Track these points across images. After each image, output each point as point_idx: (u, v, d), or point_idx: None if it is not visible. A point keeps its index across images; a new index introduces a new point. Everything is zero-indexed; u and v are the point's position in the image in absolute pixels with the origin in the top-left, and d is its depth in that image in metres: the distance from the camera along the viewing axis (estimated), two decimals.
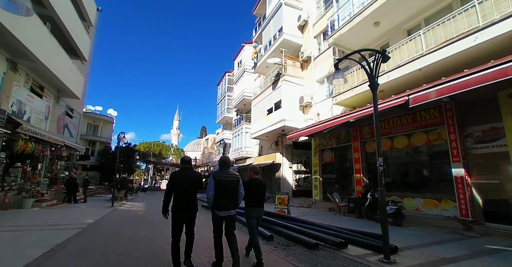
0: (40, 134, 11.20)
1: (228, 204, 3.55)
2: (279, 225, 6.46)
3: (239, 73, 23.66)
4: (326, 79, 12.89)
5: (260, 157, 18.61)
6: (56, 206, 11.17)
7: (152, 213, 9.98)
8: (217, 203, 3.52)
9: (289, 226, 6.17)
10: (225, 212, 3.53)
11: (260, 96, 17.08)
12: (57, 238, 5.15)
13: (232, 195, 3.61)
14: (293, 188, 15.61)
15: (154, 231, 6.14)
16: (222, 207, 3.52)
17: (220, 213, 3.52)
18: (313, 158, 12.82)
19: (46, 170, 13.59)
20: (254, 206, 4.00)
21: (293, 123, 13.54)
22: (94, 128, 29.28)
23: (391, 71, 7.46)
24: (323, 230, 5.69)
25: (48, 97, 13.53)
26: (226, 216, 3.55)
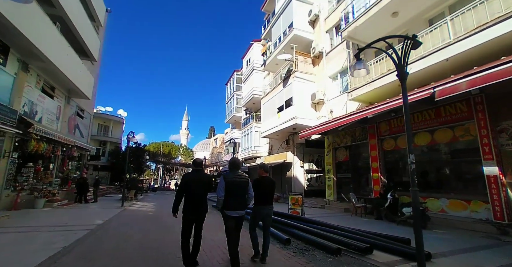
0: (51, 134, 11.19)
1: (238, 205, 3.62)
2: (295, 227, 6.10)
3: (247, 71, 23.35)
4: (339, 75, 12.41)
5: (270, 156, 18.25)
6: (67, 206, 11.13)
7: (162, 213, 9.78)
8: (227, 204, 3.59)
9: (306, 228, 5.80)
10: (235, 212, 3.60)
11: (270, 94, 16.71)
12: (64, 240, 4.96)
13: (241, 196, 3.69)
14: (305, 187, 15.18)
15: (164, 233, 5.89)
16: (232, 208, 3.59)
17: (230, 213, 3.59)
18: (326, 156, 12.37)
19: (57, 170, 13.65)
20: (264, 204, 4.04)
21: (305, 121, 13.12)
22: (105, 129, 29.56)
23: (414, 63, 6.96)
24: (343, 233, 5.30)
25: (59, 97, 13.58)
26: (237, 216, 3.63)
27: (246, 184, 3.74)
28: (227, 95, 31.41)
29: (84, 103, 17.15)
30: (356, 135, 10.65)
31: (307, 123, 13.06)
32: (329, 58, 13.03)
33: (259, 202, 4.04)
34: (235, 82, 28.16)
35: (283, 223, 6.69)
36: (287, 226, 6.34)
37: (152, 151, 40.34)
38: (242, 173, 3.85)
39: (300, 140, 15.07)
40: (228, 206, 3.59)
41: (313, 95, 13.33)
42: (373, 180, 9.45)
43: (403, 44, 4.04)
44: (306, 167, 15.54)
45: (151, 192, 29.00)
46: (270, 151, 18.98)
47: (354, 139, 10.74)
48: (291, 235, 5.60)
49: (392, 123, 8.96)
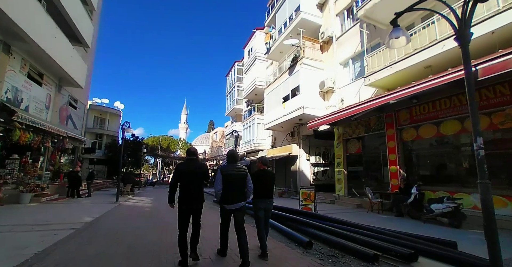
0: (39, 124, 10.28)
1: (236, 198, 3.55)
2: (314, 226, 5.29)
3: (249, 61, 22.33)
4: (351, 61, 11.49)
5: (274, 149, 17.42)
6: (57, 201, 10.30)
7: (159, 209, 8.97)
8: (226, 197, 3.52)
9: (327, 228, 4.98)
10: (234, 205, 3.53)
11: (274, 84, 15.78)
12: (40, 243, 4.14)
13: (240, 189, 3.61)
14: (311, 182, 14.40)
15: (162, 234, 5.07)
16: (230, 201, 3.52)
17: (228, 207, 3.53)
18: (336, 149, 11.55)
19: (48, 162, 12.78)
20: (263, 197, 3.95)
21: (313, 111, 12.25)
22: (101, 121, 28.57)
23: (448, 38, 6.06)
24: (374, 234, 4.48)
25: (48, 85, 12.61)
26: (235, 209, 3.55)
27: (245, 177, 3.64)
28: (227, 87, 30.40)
29: (77, 93, 16.17)
30: (370, 125, 9.80)
31: (315, 113, 12.20)
32: (340, 43, 12.08)
33: (259, 196, 3.95)
34: (236, 74, 27.13)
35: (297, 221, 5.87)
36: (303, 225, 5.53)
37: (151, 144, 39.41)
38: (240, 165, 3.75)
39: (306, 132, 14.25)
40: (225, 200, 3.53)
41: (321, 84, 12.42)
42: (391, 173, 8.65)
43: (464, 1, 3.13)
44: (313, 160, 14.74)
45: (150, 186, 28.23)
46: (274, 143, 18.14)
47: (368, 129, 9.90)
48: (311, 236, 4.79)
49: (413, 111, 8.11)
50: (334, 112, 10.17)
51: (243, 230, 3.51)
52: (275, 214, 7.03)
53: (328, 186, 14.42)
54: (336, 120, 9.82)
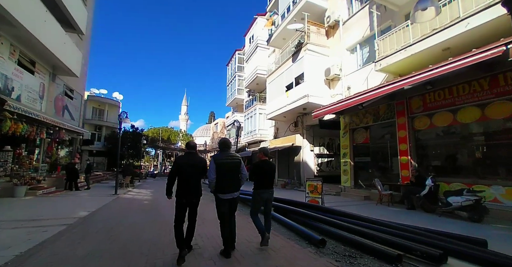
0: (32, 114, 9.82)
1: (231, 187, 3.52)
2: (324, 221, 4.90)
3: (250, 49, 21.58)
4: (359, 46, 10.86)
5: (276, 139, 16.98)
6: (54, 194, 9.97)
7: (159, 202, 8.62)
8: (220, 186, 3.47)
9: (340, 224, 4.59)
10: (229, 194, 3.50)
11: (277, 72, 15.17)
12: (26, 242, 3.76)
13: (234, 177, 3.58)
14: (315, 173, 14.03)
15: (161, 230, 4.69)
16: (225, 190, 3.48)
17: (223, 196, 3.48)
18: (342, 139, 11.10)
19: (44, 154, 12.40)
20: (264, 187, 3.90)
21: (317, 99, 11.73)
22: (100, 112, 28.07)
23: (473, 16, 5.48)
24: (392, 230, 4.08)
25: (41, 73, 12.06)
26: (230, 198, 3.52)
27: (239, 164, 3.61)
28: (228, 77, 29.71)
29: (73, 82, 15.62)
30: (379, 114, 9.31)
31: (320, 102, 11.68)
32: (347, 27, 11.40)
33: (260, 186, 3.88)
34: (237, 63, 26.41)
35: (305, 215, 5.48)
36: (311, 219, 5.14)
37: (151, 136, 39.04)
38: (233, 153, 3.72)
39: (310, 122, 13.76)
40: (220, 189, 3.48)
41: (327, 71, 11.84)
42: (401, 164, 8.21)
43: None
44: (317, 150, 14.32)
45: (151, 178, 28.04)
46: (276, 134, 17.68)
47: (377, 118, 9.41)
48: (322, 232, 4.40)
49: (427, 98, 7.59)
50: (341, 100, 9.67)
51: (233, 218, 3.64)
52: (280, 207, 6.67)
53: (333, 177, 14.05)
54: (343, 109, 9.33)
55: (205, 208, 5.00)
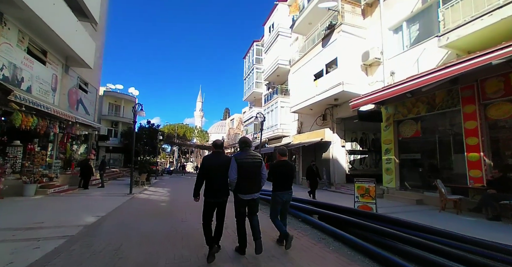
0: (42, 106, 9.06)
1: (252, 187, 3.44)
2: (397, 238, 3.60)
3: (271, 39, 20.21)
4: (406, 24, 9.28)
5: (301, 134, 15.63)
6: (66, 193, 9.20)
7: (178, 205, 7.56)
8: (241, 186, 3.40)
9: (420, 242, 3.29)
10: (249, 195, 3.43)
11: (303, 60, 13.78)
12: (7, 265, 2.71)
13: (255, 178, 3.48)
14: (347, 171, 12.63)
15: (182, 250, 3.56)
16: (246, 190, 3.42)
17: (244, 196, 3.42)
18: (384, 133, 9.63)
19: (58, 150, 11.75)
20: (283, 189, 3.84)
21: (354, 87, 10.30)
22: (116, 108, 27.73)
23: None
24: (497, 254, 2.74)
25: (53, 64, 11.34)
26: (250, 199, 3.45)
27: (260, 164, 3.52)
28: (245, 70, 28.52)
29: (87, 75, 14.96)
30: (435, 102, 7.77)
31: (356, 90, 10.26)
32: (389, 4, 9.82)
33: (278, 188, 3.85)
34: (255, 54, 25.14)
35: (364, 227, 4.19)
36: (374, 234, 3.86)
37: (167, 132, 38.66)
38: (254, 152, 3.60)
39: (341, 114, 12.35)
40: (241, 189, 3.40)
41: (365, 55, 10.34)
42: (469, 162, 6.70)
43: None
44: (348, 146, 12.87)
45: (167, 175, 27.49)
46: (300, 129, 16.33)
47: (432, 107, 7.88)
48: (398, 252, 3.12)
49: (511, 79, 6.02)
50: (385, 87, 8.25)
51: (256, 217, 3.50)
52: (324, 214, 5.45)
53: (366, 176, 12.60)
54: (388, 97, 7.86)
55: None
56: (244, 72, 28.74)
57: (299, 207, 6.22)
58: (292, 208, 6.39)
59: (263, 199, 6.88)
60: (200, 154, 54.46)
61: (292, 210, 6.17)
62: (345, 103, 11.79)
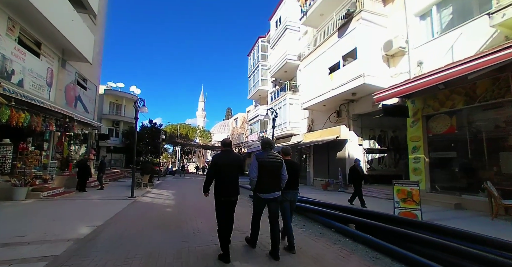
0: (35, 100, 8.25)
1: (272, 187, 3.45)
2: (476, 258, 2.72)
3: (278, 33, 19.32)
4: (436, 8, 8.36)
5: (312, 133, 14.73)
6: (61, 196, 8.36)
7: (186, 210, 6.70)
8: (261, 186, 3.42)
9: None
10: (269, 194, 3.45)
11: (315, 53, 12.90)
12: None
13: (276, 178, 3.50)
14: (365, 171, 11.70)
15: None
16: (266, 190, 3.43)
17: (263, 195, 3.44)
18: (411, 129, 8.73)
19: (54, 150, 10.92)
20: (287, 188, 3.73)
21: (375, 80, 9.43)
22: (117, 107, 26.94)
23: None
24: None
25: (48, 57, 10.52)
26: (270, 198, 3.47)
27: (280, 165, 3.51)
28: (249, 67, 27.68)
29: (86, 71, 14.16)
30: (476, 93, 6.85)
31: (377, 83, 9.39)
32: None
33: (285, 187, 3.66)
34: (260, 51, 24.30)
35: (423, 241, 3.31)
36: (427, 246, 2.98)
37: (169, 132, 37.84)
38: (275, 153, 3.61)
39: (358, 110, 11.48)
40: (261, 188, 3.42)
41: (387, 44, 9.44)
42: None
43: None
44: (366, 145, 11.96)
45: (169, 175, 26.66)
46: (311, 126, 15.43)
47: (472, 99, 6.96)
48: None
49: None
50: (413, 79, 7.39)
51: (277, 222, 3.50)
52: (357, 221, 4.59)
53: (385, 177, 11.73)
54: (420, 88, 7.01)
55: None
56: (248, 70, 27.90)
57: (327, 214, 5.33)
58: (320, 215, 5.52)
59: (300, 207, 6.14)
60: (203, 154, 53.61)
61: (322, 218, 5.29)
62: (363, 98, 10.93)
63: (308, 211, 6.12)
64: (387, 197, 9.09)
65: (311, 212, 6.02)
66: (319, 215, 5.60)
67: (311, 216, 5.90)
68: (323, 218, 5.23)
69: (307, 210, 6.21)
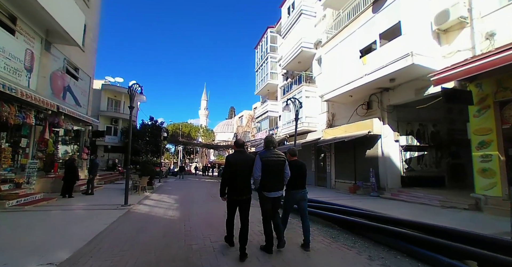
0: (3, 86, 6.54)
1: (276, 185, 3.54)
2: None
3: (290, 20, 17.51)
4: None
5: (333, 128, 12.92)
6: (34, 205, 6.60)
7: (199, 229, 4.91)
8: (265, 184, 3.49)
9: None
10: (274, 193, 3.52)
11: (340, 36, 11.13)
12: None
13: (279, 176, 3.58)
14: (402, 173, 9.92)
15: None
16: (270, 188, 3.50)
17: (268, 194, 3.50)
18: (475, 119, 6.92)
19: (35, 147, 9.21)
20: (296, 188, 3.91)
21: (426, 60, 7.63)
22: (116, 104, 25.23)
23: None
24: None
25: (27, 37, 8.82)
26: (274, 197, 3.54)
27: (283, 163, 3.61)
28: (256, 61, 25.91)
29: (78, 59, 12.48)
30: None
31: (429, 64, 7.60)
32: None
33: (292, 187, 3.90)
34: (269, 42, 22.54)
35: None
36: None
37: (171, 130, 36.11)
38: (278, 151, 3.67)
39: (395, 100, 9.73)
40: (266, 187, 3.49)
41: (441, 16, 7.63)
42: None
43: None
44: (403, 141, 10.14)
45: (172, 176, 24.89)
46: (331, 121, 13.64)
47: None
48: None
49: None
50: (485, 54, 5.66)
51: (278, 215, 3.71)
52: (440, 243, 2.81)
53: (427, 178, 9.98)
54: (497, 66, 5.23)
55: None
56: (255, 64, 26.13)
57: (405, 236, 3.56)
58: (393, 236, 3.74)
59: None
60: (206, 154, 51.84)
61: (403, 243, 3.51)
62: (403, 85, 9.16)
63: (367, 229, 4.35)
64: (443, 205, 7.31)
65: (372, 231, 4.26)
66: (390, 236, 3.84)
67: (376, 238, 4.13)
68: (406, 245, 3.45)
69: (364, 227, 4.45)
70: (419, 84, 8.52)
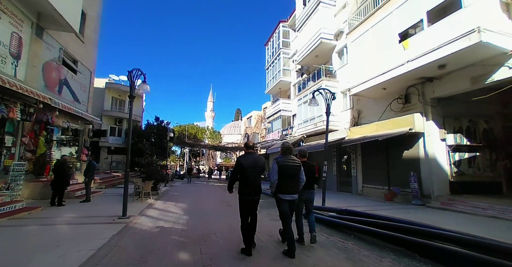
0: None
1: (291, 188, 3.63)
2: None
3: (306, 11, 16.14)
4: None
5: (360, 127, 11.40)
6: (10, 217, 5.25)
7: (223, 257, 3.51)
8: (281, 188, 3.61)
9: None
10: (289, 195, 3.63)
11: (372, 19, 9.72)
12: None
13: (294, 180, 3.68)
14: (450, 178, 8.36)
15: None
16: (285, 191, 3.61)
17: (284, 196, 3.61)
18: None
19: (23, 147, 7.94)
20: (304, 188, 3.92)
21: (497, 38, 6.13)
22: (120, 103, 24.09)
23: None
24: None
25: (14, 18, 7.60)
26: (290, 200, 3.65)
27: (299, 168, 3.71)
28: (267, 58, 24.60)
29: (76, 50, 11.33)
30: None
31: (499, 42, 6.11)
32: None
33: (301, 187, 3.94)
34: (281, 37, 21.25)
35: None
36: None
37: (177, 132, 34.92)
38: (294, 157, 3.81)
39: (441, 91, 8.24)
40: (281, 190, 3.61)
41: None
42: None
43: None
44: (451, 140, 8.59)
45: (178, 180, 23.54)
46: (357, 119, 12.14)
47: None
48: None
49: None
50: None
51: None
52: None
53: (480, 184, 8.41)
54: None
55: None
56: (266, 61, 24.81)
57: None
58: None
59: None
60: (212, 156, 50.59)
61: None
62: (452, 74, 7.71)
63: None
64: (504, 216, 5.76)
65: None
66: None
67: None
68: None
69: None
70: (477, 70, 7.02)
